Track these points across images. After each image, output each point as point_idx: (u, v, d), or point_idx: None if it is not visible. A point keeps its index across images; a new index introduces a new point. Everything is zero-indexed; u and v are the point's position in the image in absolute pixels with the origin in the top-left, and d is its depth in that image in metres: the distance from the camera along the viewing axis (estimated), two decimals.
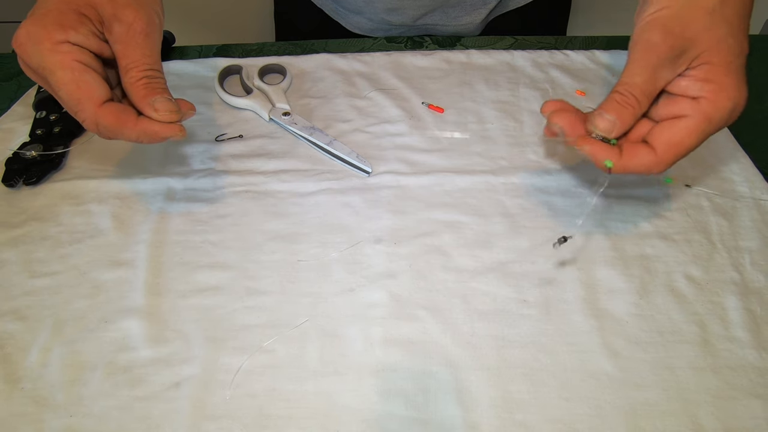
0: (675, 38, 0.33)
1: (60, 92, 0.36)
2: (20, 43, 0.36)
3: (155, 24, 0.38)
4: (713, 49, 0.34)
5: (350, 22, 0.70)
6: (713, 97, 0.34)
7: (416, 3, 0.63)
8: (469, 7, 0.65)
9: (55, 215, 0.46)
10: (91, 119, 0.37)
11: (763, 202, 0.46)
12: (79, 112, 0.36)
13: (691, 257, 0.43)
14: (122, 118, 0.37)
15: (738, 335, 0.38)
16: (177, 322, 0.39)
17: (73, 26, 0.36)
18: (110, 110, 0.37)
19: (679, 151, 0.35)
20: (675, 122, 0.34)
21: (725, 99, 0.34)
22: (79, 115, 0.37)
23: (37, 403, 0.35)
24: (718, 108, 0.34)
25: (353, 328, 0.39)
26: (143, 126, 0.38)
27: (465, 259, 0.43)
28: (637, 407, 0.35)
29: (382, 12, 0.65)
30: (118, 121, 0.37)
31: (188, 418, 0.35)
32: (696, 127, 0.34)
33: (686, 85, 0.34)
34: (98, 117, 0.36)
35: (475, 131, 0.53)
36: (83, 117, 0.37)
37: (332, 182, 0.48)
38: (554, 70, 0.59)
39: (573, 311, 0.40)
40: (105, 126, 0.37)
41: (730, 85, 0.34)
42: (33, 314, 0.40)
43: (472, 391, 0.36)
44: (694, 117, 0.34)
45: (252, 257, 0.43)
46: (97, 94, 0.36)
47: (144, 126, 0.38)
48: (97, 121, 0.37)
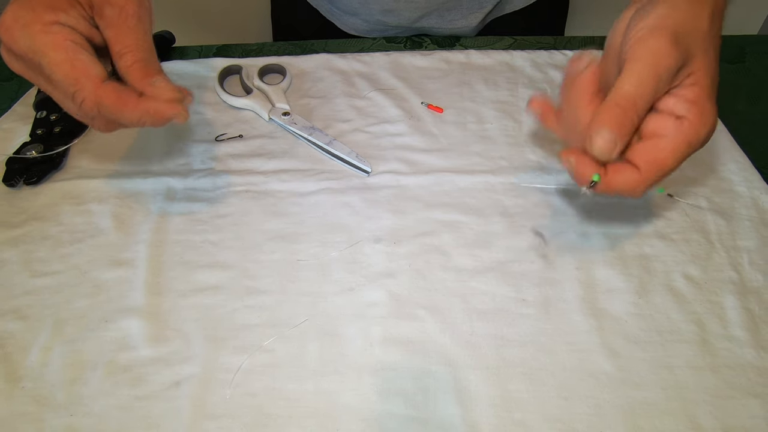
0: (682, 51, 0.31)
1: (54, 74, 0.34)
2: (6, 27, 0.33)
3: (146, 7, 0.37)
4: (704, 71, 0.32)
5: (346, 23, 0.70)
6: (696, 121, 0.32)
7: (412, 5, 0.63)
8: (466, 10, 0.65)
9: (55, 215, 0.46)
10: (91, 98, 0.34)
11: (761, 202, 0.46)
12: (77, 92, 0.34)
13: (689, 257, 0.43)
14: (123, 97, 0.35)
15: (736, 334, 0.39)
16: (177, 322, 0.39)
17: (63, 8, 0.34)
18: (111, 88, 0.35)
19: (662, 171, 0.33)
20: (657, 141, 0.33)
21: (705, 125, 0.32)
22: (77, 96, 0.34)
23: (37, 402, 0.35)
24: (698, 133, 0.32)
25: (353, 328, 0.39)
26: (146, 105, 0.36)
27: (464, 258, 0.43)
28: (635, 406, 0.35)
29: (377, 14, 0.65)
30: (120, 99, 0.35)
31: (188, 417, 0.35)
32: (677, 147, 0.32)
33: (673, 102, 0.33)
34: (99, 96, 0.34)
35: (474, 131, 0.53)
36: (82, 97, 0.34)
37: (332, 182, 0.48)
38: (553, 71, 0.59)
39: (572, 311, 0.40)
40: (106, 106, 0.35)
41: (711, 111, 0.33)
42: (33, 314, 0.40)
43: (471, 391, 0.36)
44: (677, 138, 0.32)
45: (252, 257, 0.43)
46: (94, 72, 0.34)
47: (147, 105, 0.36)
48: (98, 101, 0.34)
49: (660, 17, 0.32)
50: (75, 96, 0.34)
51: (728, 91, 0.56)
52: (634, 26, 0.32)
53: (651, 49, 0.31)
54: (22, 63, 0.35)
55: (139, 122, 0.36)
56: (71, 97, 0.35)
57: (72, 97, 0.35)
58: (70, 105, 0.36)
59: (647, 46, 0.31)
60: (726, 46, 0.50)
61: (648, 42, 0.31)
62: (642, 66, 0.31)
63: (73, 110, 0.36)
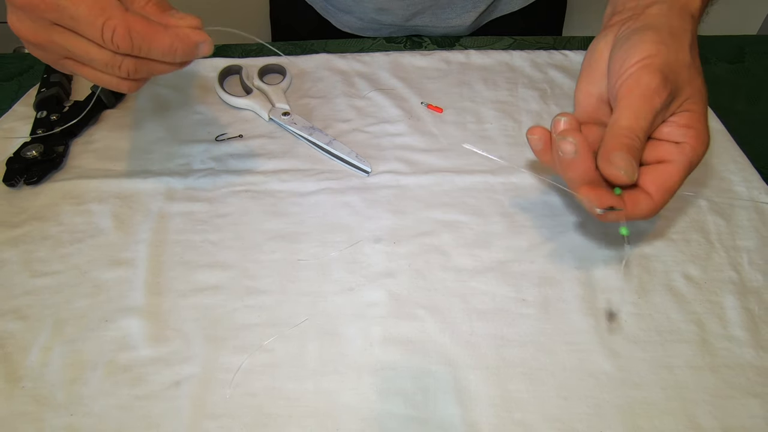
0: (671, 87, 0.33)
1: (78, 9, 0.32)
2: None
3: None
4: (693, 98, 0.35)
5: (340, 20, 0.70)
6: (694, 143, 0.35)
7: (404, 3, 0.63)
8: (459, 9, 0.66)
9: (55, 215, 0.46)
10: (123, 26, 0.33)
11: (760, 202, 0.46)
12: (107, 22, 0.32)
13: (689, 257, 0.43)
14: (152, 25, 0.34)
15: (736, 334, 0.39)
16: (177, 322, 0.39)
17: None
18: (139, 17, 0.34)
19: (670, 194, 0.35)
20: (664, 167, 0.35)
21: (703, 144, 0.35)
22: (107, 25, 0.33)
23: (37, 402, 0.35)
24: (698, 153, 0.35)
25: (353, 327, 0.39)
26: (175, 31, 0.35)
27: (464, 258, 0.43)
28: (635, 406, 0.35)
29: (371, 12, 0.66)
30: (151, 26, 0.34)
31: (188, 416, 0.35)
32: (683, 170, 0.35)
33: (669, 131, 0.35)
34: (130, 22, 0.33)
35: (473, 131, 0.53)
36: (113, 26, 0.33)
37: (332, 182, 0.48)
38: (553, 70, 0.59)
39: (572, 310, 0.40)
40: (138, 32, 0.33)
41: (705, 131, 0.35)
42: (34, 313, 0.40)
43: (471, 390, 0.36)
44: (680, 161, 0.35)
45: (252, 257, 0.43)
46: (117, 2, 0.33)
47: (176, 31, 0.35)
48: (129, 27, 0.33)
49: (649, 55, 0.34)
50: (105, 27, 0.33)
51: (727, 91, 0.57)
52: (623, 62, 0.34)
53: (644, 86, 0.33)
54: (31, 17, 0.33)
55: (171, 49, 0.35)
56: (101, 30, 0.33)
57: (102, 30, 0.33)
58: (98, 43, 0.34)
59: (640, 84, 0.33)
60: (725, 46, 0.51)
61: (641, 80, 0.33)
62: (637, 102, 0.33)
63: (98, 57, 0.35)
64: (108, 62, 0.35)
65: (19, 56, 0.62)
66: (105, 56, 0.35)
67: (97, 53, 0.35)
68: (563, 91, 0.57)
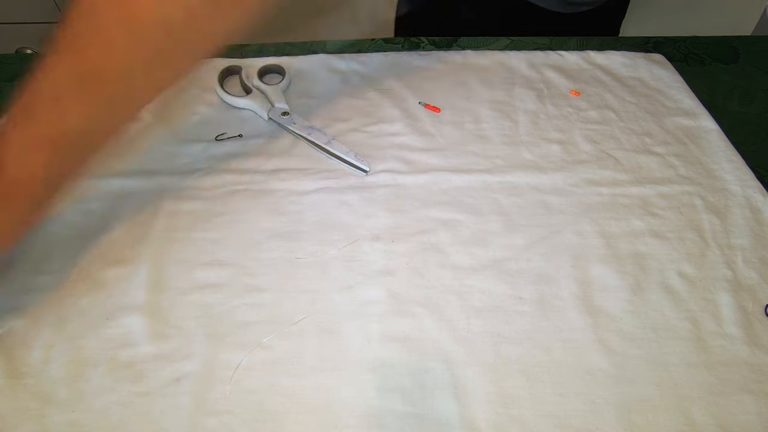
0: None
1: None
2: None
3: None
4: None
5: None
6: None
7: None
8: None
9: (56, 213, 0.46)
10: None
11: (754, 201, 0.47)
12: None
13: (684, 255, 0.43)
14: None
15: (731, 332, 0.39)
16: (177, 319, 0.40)
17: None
18: None
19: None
20: None
21: None
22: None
23: (39, 398, 0.36)
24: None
25: (351, 325, 0.39)
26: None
27: (461, 256, 0.43)
28: (630, 403, 0.36)
29: None
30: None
31: (189, 413, 0.35)
32: None
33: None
34: None
35: (471, 131, 0.53)
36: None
37: (330, 181, 0.49)
38: (549, 71, 0.59)
39: (567, 308, 0.40)
40: None
41: None
42: (36, 311, 0.40)
43: (468, 387, 0.36)
44: None
45: (251, 255, 0.43)
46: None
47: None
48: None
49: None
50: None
51: (722, 92, 0.57)
52: None
53: None
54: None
55: None
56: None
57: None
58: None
59: None
60: (720, 46, 0.51)
61: None
62: None
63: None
64: None
65: (21, 57, 0.62)
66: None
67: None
68: (559, 91, 0.57)
